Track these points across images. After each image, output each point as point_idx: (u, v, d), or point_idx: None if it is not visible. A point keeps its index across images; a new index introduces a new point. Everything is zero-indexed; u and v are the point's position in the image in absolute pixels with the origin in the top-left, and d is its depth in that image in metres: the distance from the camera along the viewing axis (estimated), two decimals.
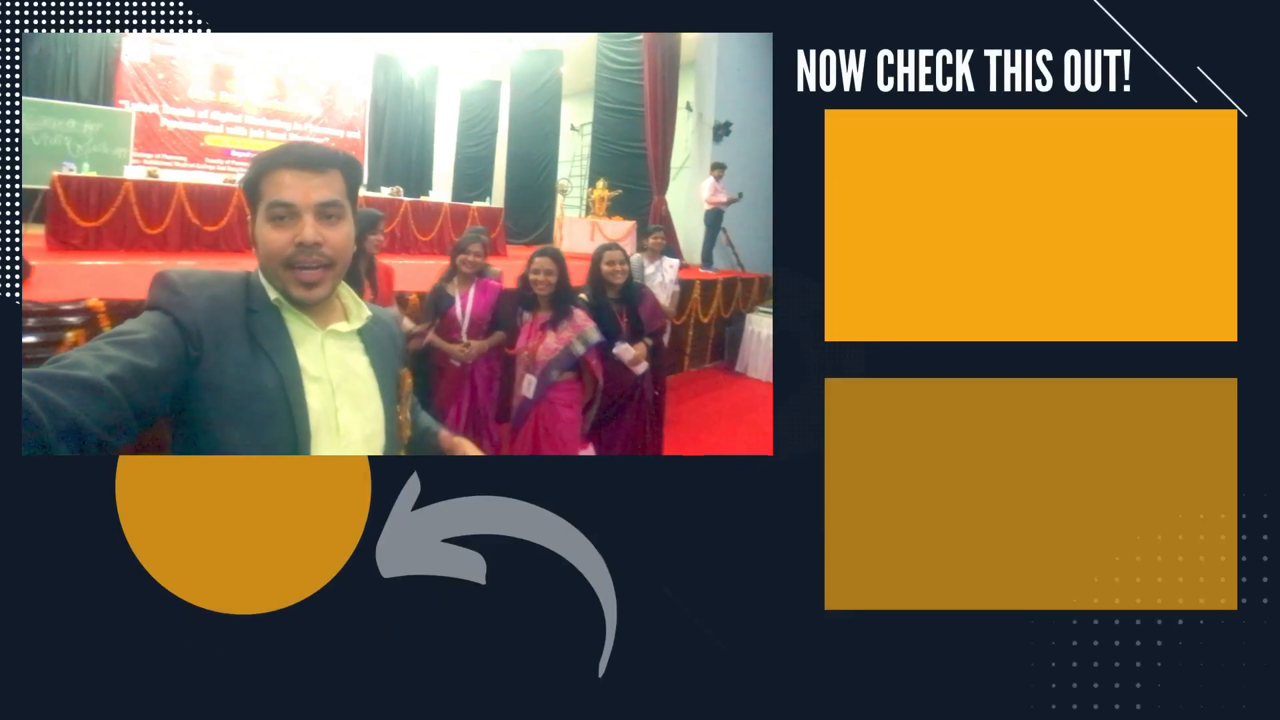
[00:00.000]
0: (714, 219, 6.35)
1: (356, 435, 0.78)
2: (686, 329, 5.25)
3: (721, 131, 6.99)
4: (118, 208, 5.21)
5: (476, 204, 8.11)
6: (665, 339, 3.15)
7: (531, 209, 8.54)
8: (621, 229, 6.96)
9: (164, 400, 0.67)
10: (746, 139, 7.06)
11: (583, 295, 2.39)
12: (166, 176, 5.85)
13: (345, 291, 0.83)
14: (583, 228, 7.36)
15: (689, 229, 7.02)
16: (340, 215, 0.76)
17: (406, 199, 7.02)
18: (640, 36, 7.15)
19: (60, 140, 6.11)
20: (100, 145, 6.28)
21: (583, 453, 2.47)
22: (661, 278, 3.52)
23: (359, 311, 0.83)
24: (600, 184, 7.68)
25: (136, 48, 6.82)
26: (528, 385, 2.23)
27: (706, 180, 6.36)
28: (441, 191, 8.49)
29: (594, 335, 2.20)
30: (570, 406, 2.25)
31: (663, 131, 7.09)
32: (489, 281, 2.50)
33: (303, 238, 0.73)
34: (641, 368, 2.38)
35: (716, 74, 7.19)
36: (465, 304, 2.43)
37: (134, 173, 5.67)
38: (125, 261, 4.44)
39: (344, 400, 0.77)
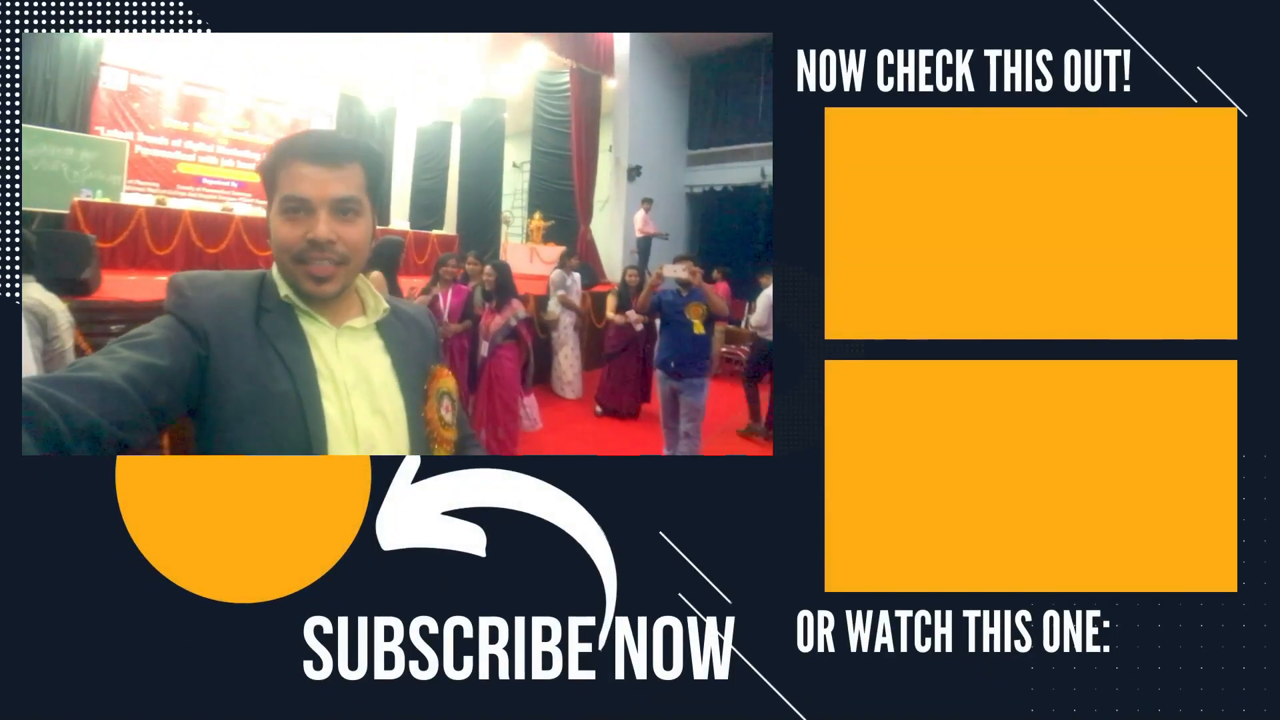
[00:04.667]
0: (644, 246, 7.69)
1: (380, 440, 0.76)
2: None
3: (634, 173, 8.56)
4: (131, 231, 5.89)
5: (434, 232, 8.82)
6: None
7: (479, 237, 8.93)
8: (554, 254, 8.14)
9: (179, 398, 0.67)
10: (654, 179, 8.72)
11: (615, 293, 4.87)
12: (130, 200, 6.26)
13: (363, 285, 0.81)
14: (523, 252, 8.37)
15: (609, 252, 8.49)
16: (357, 212, 0.73)
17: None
18: (569, 92, 8.40)
19: (58, 166, 6.19)
20: (96, 173, 6.47)
21: (524, 401, 3.93)
22: (575, 285, 5.50)
23: (377, 305, 0.81)
24: (537, 215, 8.71)
25: (114, 77, 7.03)
26: (484, 348, 3.60)
27: (638, 213, 7.76)
28: (399, 220, 9.01)
29: (522, 313, 3.59)
30: (511, 361, 3.60)
31: (587, 172, 8.46)
32: (460, 285, 3.71)
33: (315, 235, 0.70)
34: (639, 327, 4.68)
35: (629, 124, 8.68)
36: (445, 300, 3.62)
37: (140, 200, 6.36)
38: (139, 277, 5.10)
39: (360, 403, 0.75)
